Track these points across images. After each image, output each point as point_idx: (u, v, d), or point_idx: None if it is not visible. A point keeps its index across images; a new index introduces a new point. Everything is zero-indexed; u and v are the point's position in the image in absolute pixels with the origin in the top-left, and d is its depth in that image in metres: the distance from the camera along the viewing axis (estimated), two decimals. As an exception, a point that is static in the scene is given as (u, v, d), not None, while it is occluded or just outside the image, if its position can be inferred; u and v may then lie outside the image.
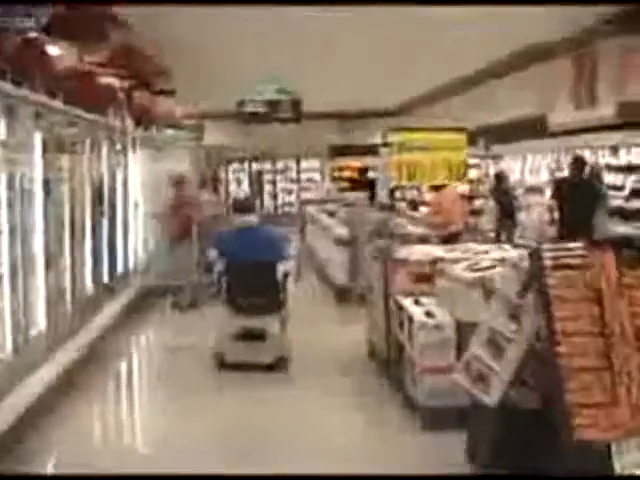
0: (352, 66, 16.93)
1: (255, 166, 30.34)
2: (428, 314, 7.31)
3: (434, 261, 8.29)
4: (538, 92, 15.81)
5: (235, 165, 30.39)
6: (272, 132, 24.98)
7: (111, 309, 10.56)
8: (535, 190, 17.47)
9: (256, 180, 29.97)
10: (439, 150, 8.08)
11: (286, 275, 9.00)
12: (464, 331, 6.96)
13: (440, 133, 8.24)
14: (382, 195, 8.12)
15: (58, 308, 8.41)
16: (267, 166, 30.38)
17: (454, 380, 6.33)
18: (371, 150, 27.87)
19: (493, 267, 7.54)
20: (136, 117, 13.44)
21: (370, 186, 26.71)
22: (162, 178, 14.61)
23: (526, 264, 6.09)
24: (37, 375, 7.32)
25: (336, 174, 29.22)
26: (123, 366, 9.85)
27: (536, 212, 17.06)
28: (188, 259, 12.48)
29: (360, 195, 22.81)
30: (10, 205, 6.91)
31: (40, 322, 7.95)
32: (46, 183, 7.89)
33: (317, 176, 30.21)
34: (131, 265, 12.72)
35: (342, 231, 13.00)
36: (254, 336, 8.72)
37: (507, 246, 9.28)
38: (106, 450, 6.86)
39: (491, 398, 5.64)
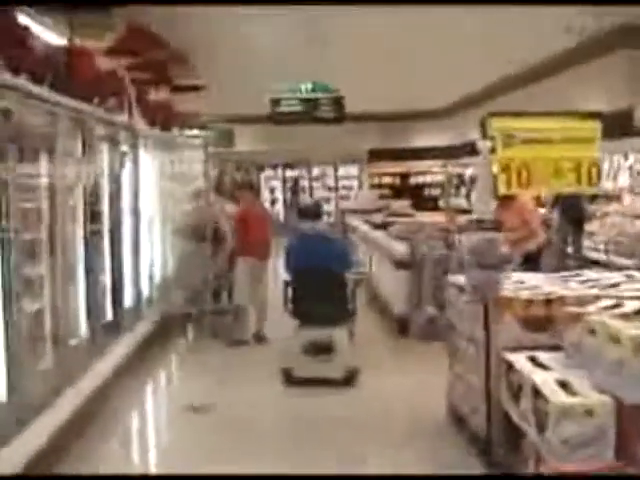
0: (394, 65, 15.00)
1: (289, 173, 27.71)
2: (563, 386, 4.73)
3: (549, 300, 5.77)
4: (622, 84, 13.30)
5: (268, 172, 27.79)
6: (308, 136, 22.58)
7: (115, 354, 8.04)
8: (610, 197, 14.88)
9: (292, 188, 27.35)
10: (564, 144, 5.41)
11: (356, 284, 8.67)
12: (629, 417, 4.43)
13: (565, 119, 5.58)
14: (481, 207, 5.53)
15: (29, 366, 5.88)
16: (303, 173, 27.72)
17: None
18: (413, 154, 25.45)
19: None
20: (151, 114, 10.97)
21: (412, 193, 24.28)
22: (184, 187, 12.13)
23: None
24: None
25: (375, 181, 26.55)
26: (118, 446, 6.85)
27: (611, 222, 14.46)
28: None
29: (404, 204, 20.32)
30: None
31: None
32: (4, 189, 5.37)
33: (354, 183, 27.55)
34: (146, 292, 10.20)
35: (401, 250, 10.40)
36: (323, 349, 8.12)
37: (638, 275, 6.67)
38: None
39: None
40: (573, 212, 14.30)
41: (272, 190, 27.73)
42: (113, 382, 7.55)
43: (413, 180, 26.35)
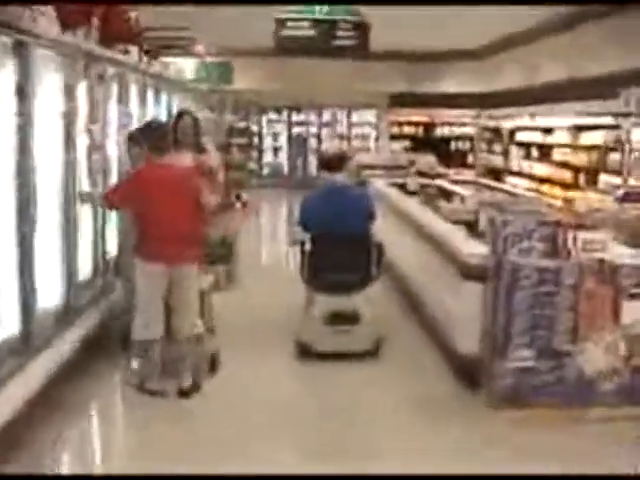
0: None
1: (296, 117, 23.23)
2: None
3: None
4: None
5: (271, 115, 23.31)
6: (319, 73, 18.36)
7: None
8: None
9: (297, 137, 23.00)
10: None
11: (380, 245, 7.09)
12: None
13: None
14: None
15: None
16: (311, 117, 23.26)
17: None
18: (440, 101, 21.11)
19: None
20: (85, 21, 6.72)
21: (437, 147, 19.99)
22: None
23: None
24: None
25: (395, 130, 22.12)
26: None
27: None
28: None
29: (430, 159, 16.09)
30: None
31: None
32: None
33: (369, 131, 23.07)
34: (55, 301, 6.02)
35: (474, 249, 6.13)
36: (346, 319, 6.90)
37: None
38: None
39: None
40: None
41: (275, 136, 23.31)
42: None
43: (439, 131, 22.02)
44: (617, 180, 12.17)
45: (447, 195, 9.77)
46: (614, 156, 12.72)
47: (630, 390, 5.60)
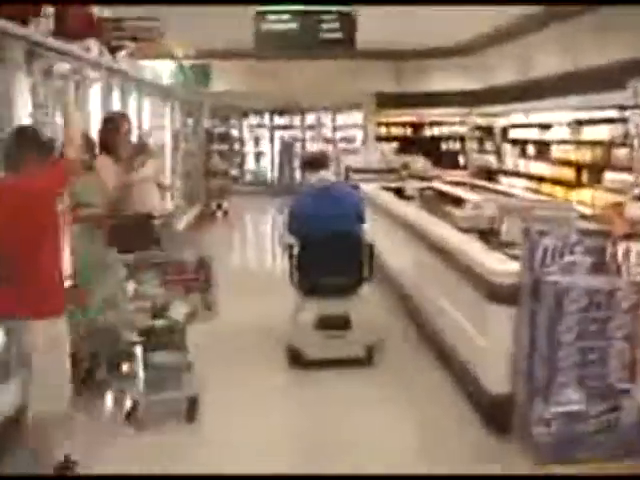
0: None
1: (279, 120, 22.05)
2: None
3: None
4: None
5: (252, 119, 22.10)
6: (301, 73, 17.30)
7: None
8: None
9: (282, 142, 21.86)
10: None
11: (371, 246, 6.70)
12: None
13: None
14: None
15: None
16: (295, 120, 22.08)
17: None
18: (429, 100, 20.05)
19: None
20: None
21: (427, 148, 18.94)
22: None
23: None
24: None
25: (382, 131, 21.00)
26: None
27: None
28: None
29: (421, 161, 15.09)
30: None
31: None
32: None
33: (356, 134, 21.91)
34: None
35: (501, 267, 5.01)
36: (337, 324, 6.58)
37: None
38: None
39: None
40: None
41: (257, 141, 22.14)
42: None
43: (428, 131, 20.96)
44: (625, 177, 11.18)
45: (448, 199, 8.69)
46: (619, 151, 11.72)
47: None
